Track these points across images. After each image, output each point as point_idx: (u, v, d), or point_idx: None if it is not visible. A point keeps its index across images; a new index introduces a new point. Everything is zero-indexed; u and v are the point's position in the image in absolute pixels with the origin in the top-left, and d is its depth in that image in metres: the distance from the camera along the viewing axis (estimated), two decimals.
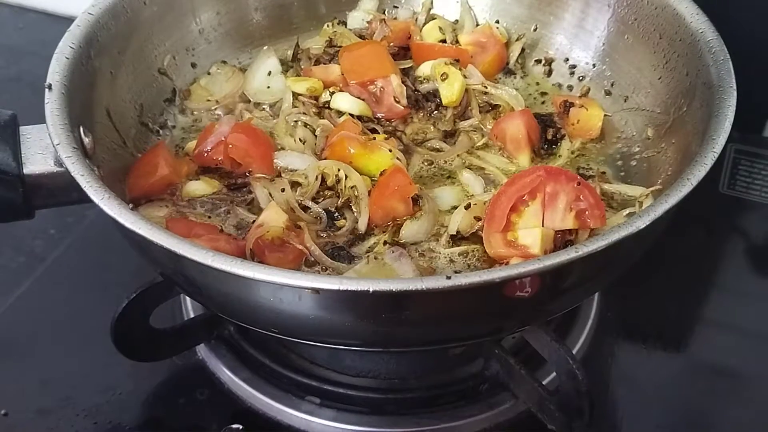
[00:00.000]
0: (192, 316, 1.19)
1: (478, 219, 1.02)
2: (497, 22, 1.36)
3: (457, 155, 1.15)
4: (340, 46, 1.27)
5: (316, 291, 0.76)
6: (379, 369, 1.12)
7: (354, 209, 1.04)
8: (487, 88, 1.20)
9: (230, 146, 1.08)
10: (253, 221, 1.00)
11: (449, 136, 1.19)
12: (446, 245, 1.01)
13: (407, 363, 1.13)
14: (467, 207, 1.02)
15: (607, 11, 1.24)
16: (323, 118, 1.17)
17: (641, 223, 0.81)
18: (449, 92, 1.18)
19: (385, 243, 1.01)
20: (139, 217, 0.81)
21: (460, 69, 1.21)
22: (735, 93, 0.97)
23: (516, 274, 0.76)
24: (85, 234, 1.35)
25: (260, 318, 0.88)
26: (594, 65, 1.27)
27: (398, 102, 1.18)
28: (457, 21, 1.38)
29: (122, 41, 1.13)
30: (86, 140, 0.95)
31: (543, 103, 1.27)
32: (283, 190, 1.04)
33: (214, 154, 1.10)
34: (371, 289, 0.74)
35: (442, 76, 1.19)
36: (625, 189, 1.08)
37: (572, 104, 1.19)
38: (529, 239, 0.95)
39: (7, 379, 1.14)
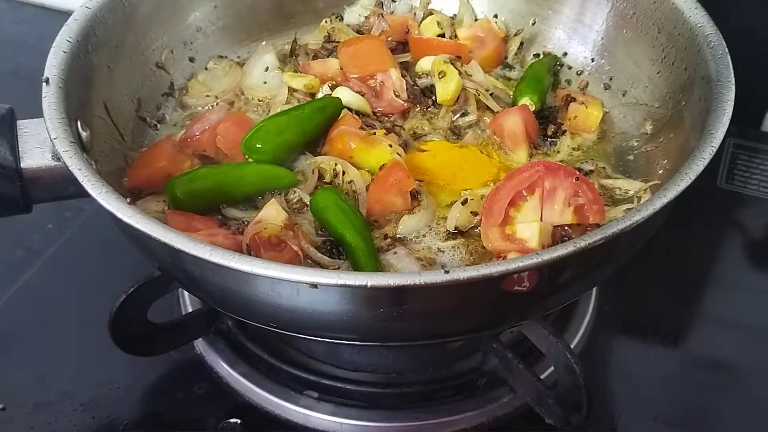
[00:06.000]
0: (190, 310, 1.19)
1: (474, 214, 1.02)
2: (495, 16, 1.36)
3: None
4: (338, 42, 1.27)
5: (314, 285, 0.76)
6: (377, 363, 1.12)
7: None
8: (479, 95, 1.19)
9: (219, 137, 1.08)
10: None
11: (455, 133, 1.18)
12: (442, 239, 1.01)
13: (405, 357, 1.13)
14: (464, 202, 1.02)
15: (606, 5, 1.23)
16: None
17: (639, 217, 0.81)
18: (444, 91, 1.18)
19: (386, 237, 1.01)
20: (136, 211, 0.81)
21: (462, 65, 1.21)
22: (733, 87, 0.97)
23: (514, 269, 0.76)
24: (82, 228, 1.35)
25: (258, 313, 0.88)
26: (593, 59, 1.27)
27: (398, 96, 1.17)
28: (455, 15, 1.37)
29: (120, 35, 1.13)
30: (84, 134, 0.95)
31: None
32: (279, 193, 1.04)
33: (199, 141, 1.10)
34: (368, 284, 0.74)
35: (439, 74, 1.19)
36: (624, 183, 1.08)
37: (573, 99, 1.19)
38: (527, 233, 0.95)
39: (5, 373, 1.14)
